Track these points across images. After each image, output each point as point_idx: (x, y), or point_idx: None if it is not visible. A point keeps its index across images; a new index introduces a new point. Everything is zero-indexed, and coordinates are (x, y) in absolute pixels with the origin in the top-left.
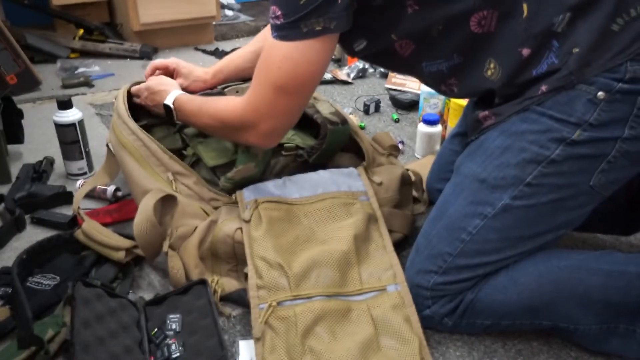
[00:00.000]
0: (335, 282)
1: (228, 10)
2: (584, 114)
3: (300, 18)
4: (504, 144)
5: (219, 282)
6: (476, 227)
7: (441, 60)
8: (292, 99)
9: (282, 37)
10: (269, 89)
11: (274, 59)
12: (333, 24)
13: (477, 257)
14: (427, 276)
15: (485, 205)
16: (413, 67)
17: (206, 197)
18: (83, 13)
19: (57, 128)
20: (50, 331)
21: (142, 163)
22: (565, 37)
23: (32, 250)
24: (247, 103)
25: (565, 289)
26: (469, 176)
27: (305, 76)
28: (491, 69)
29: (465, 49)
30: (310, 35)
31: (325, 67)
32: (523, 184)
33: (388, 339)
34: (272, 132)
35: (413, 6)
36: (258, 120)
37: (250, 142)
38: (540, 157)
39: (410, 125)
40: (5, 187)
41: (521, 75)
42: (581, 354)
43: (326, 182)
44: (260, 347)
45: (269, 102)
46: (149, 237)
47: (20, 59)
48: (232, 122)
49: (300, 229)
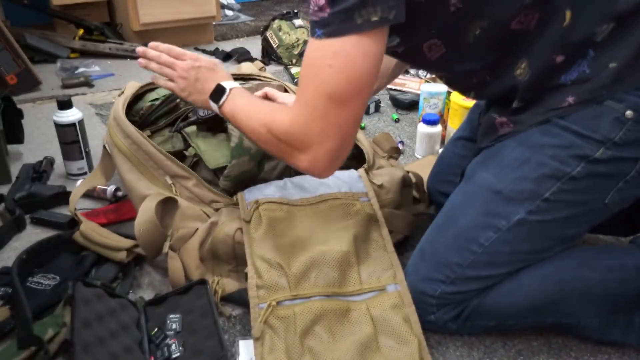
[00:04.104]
0: (335, 281)
1: (228, 10)
2: (609, 132)
3: (353, 6)
4: (523, 156)
5: (219, 283)
6: (489, 240)
7: (475, 59)
8: (348, 109)
9: (330, 34)
10: (319, 97)
11: (321, 58)
12: (392, 14)
13: (487, 270)
14: (434, 284)
15: (500, 218)
16: (442, 66)
17: (207, 200)
18: (83, 13)
19: (57, 128)
20: (50, 331)
21: (139, 167)
22: (603, 48)
23: (32, 250)
24: (294, 115)
25: (568, 287)
26: (483, 186)
27: (361, 75)
28: (521, 68)
29: (502, 45)
30: (366, 28)
31: (380, 66)
32: (540, 199)
33: (387, 339)
34: (329, 156)
35: (457, 4)
36: (309, 140)
37: (301, 169)
38: (560, 173)
39: (410, 125)
40: (5, 187)
41: (548, 80)
42: (581, 354)
43: (327, 184)
44: (259, 347)
45: (320, 114)
46: (150, 237)
47: (20, 59)
48: (279, 133)
49: (301, 229)
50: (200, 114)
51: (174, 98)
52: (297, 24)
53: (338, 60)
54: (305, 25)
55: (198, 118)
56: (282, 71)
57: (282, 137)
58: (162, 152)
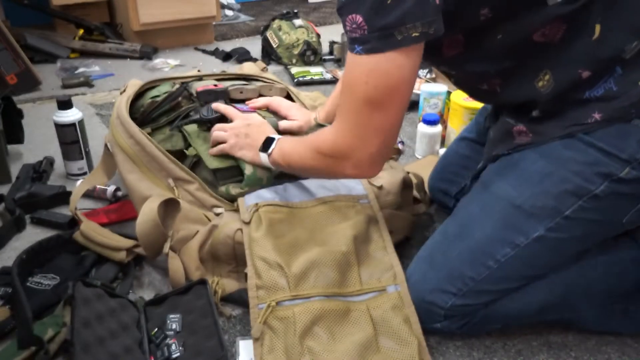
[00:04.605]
0: (335, 282)
1: (228, 10)
2: (636, 152)
3: (392, 25)
4: (545, 169)
5: (219, 283)
6: (505, 256)
7: (490, 62)
8: (387, 114)
9: (369, 51)
10: (358, 108)
11: (359, 75)
12: (432, 28)
13: (500, 284)
14: (444, 296)
15: (518, 234)
16: (455, 64)
17: (208, 204)
18: (83, 13)
19: (57, 128)
20: (50, 331)
21: (142, 168)
22: (631, 65)
23: (32, 250)
24: (336, 130)
25: (572, 287)
26: (503, 198)
27: (398, 83)
28: (544, 80)
29: (521, 55)
30: (406, 43)
31: (417, 72)
32: (561, 217)
33: (387, 339)
34: (370, 159)
35: (487, 14)
36: (352, 147)
37: (348, 175)
38: (583, 191)
39: (410, 125)
40: (5, 187)
41: (572, 94)
42: (581, 354)
43: (326, 187)
44: (258, 347)
45: (360, 122)
46: (152, 236)
47: (20, 59)
48: (326, 149)
49: (300, 230)
50: (203, 113)
51: (175, 96)
52: (297, 24)
53: (374, 76)
54: (305, 25)
55: (201, 117)
56: (282, 71)
57: (328, 151)
58: (166, 154)
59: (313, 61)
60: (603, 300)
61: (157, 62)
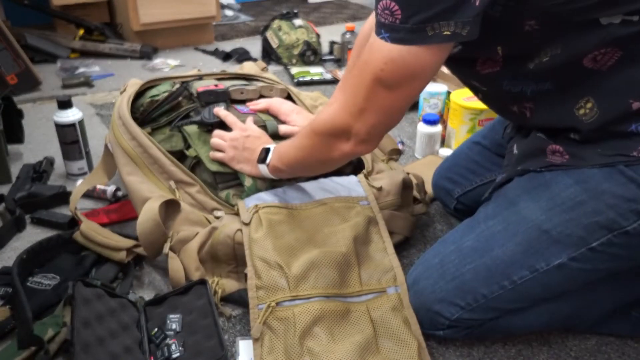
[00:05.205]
0: (335, 283)
1: (228, 10)
2: None
3: (428, 19)
4: (578, 197)
5: (219, 283)
6: (522, 278)
7: (529, 82)
8: (394, 96)
9: (396, 40)
10: (365, 83)
11: (376, 59)
12: (466, 30)
13: (511, 304)
14: (452, 308)
15: (539, 259)
16: (487, 82)
17: (208, 207)
18: (83, 13)
19: (57, 128)
20: (50, 331)
21: (143, 170)
22: None
23: (32, 250)
24: (334, 106)
25: (580, 302)
26: (530, 220)
27: (414, 77)
28: (586, 108)
29: (564, 79)
30: (435, 40)
31: (436, 72)
32: (586, 247)
33: (387, 340)
34: (368, 132)
35: (533, 26)
36: (350, 122)
37: (347, 154)
38: (614, 226)
39: (410, 125)
40: (5, 187)
41: (618, 126)
42: (581, 354)
43: (326, 189)
44: (258, 348)
45: (364, 95)
46: (152, 236)
47: (20, 59)
48: (323, 128)
49: (300, 231)
50: (204, 116)
51: (176, 95)
52: (297, 24)
53: (393, 65)
54: (304, 25)
55: (202, 120)
56: (282, 71)
57: (325, 129)
58: (168, 156)
59: (313, 61)
60: (606, 308)
61: (157, 62)
